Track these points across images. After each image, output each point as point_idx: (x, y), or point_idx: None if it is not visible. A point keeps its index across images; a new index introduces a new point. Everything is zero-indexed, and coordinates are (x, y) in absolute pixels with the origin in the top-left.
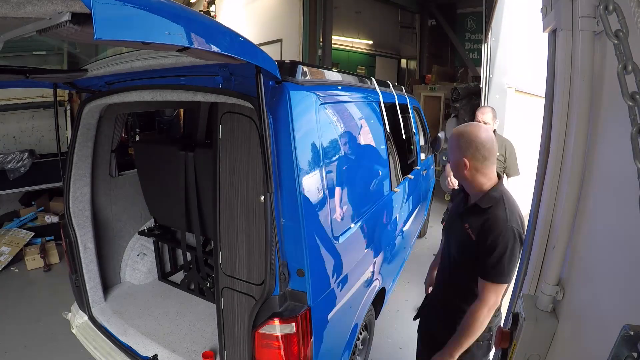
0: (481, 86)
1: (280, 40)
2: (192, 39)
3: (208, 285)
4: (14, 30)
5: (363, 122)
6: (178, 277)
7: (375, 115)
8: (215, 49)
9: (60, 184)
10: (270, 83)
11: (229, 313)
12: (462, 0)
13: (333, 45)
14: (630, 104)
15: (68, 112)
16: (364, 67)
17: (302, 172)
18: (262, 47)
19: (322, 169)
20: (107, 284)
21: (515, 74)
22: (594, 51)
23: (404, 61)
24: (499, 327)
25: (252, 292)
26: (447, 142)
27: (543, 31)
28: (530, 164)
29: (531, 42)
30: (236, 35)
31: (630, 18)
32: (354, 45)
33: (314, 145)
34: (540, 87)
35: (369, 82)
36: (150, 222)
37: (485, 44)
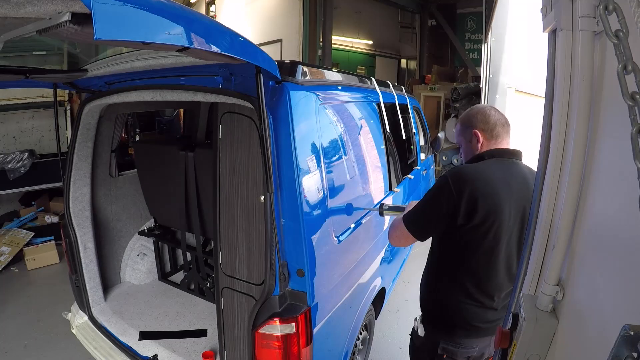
0: (481, 86)
1: (280, 40)
2: (192, 39)
3: (208, 285)
4: (14, 30)
5: (363, 122)
6: (178, 277)
7: (375, 115)
8: (215, 49)
9: (60, 184)
10: (270, 83)
11: (229, 313)
12: (462, 0)
13: (333, 45)
14: (630, 104)
15: (68, 112)
16: (364, 67)
17: (302, 172)
18: (262, 47)
19: (322, 169)
20: (107, 284)
21: (515, 74)
22: (594, 51)
23: (404, 61)
24: (499, 327)
25: (252, 292)
26: (447, 141)
27: (543, 31)
28: (530, 163)
29: (531, 42)
30: (236, 35)
31: (630, 18)
32: (354, 45)
33: (314, 145)
34: (540, 87)
35: (368, 82)
36: (150, 222)
37: (485, 44)
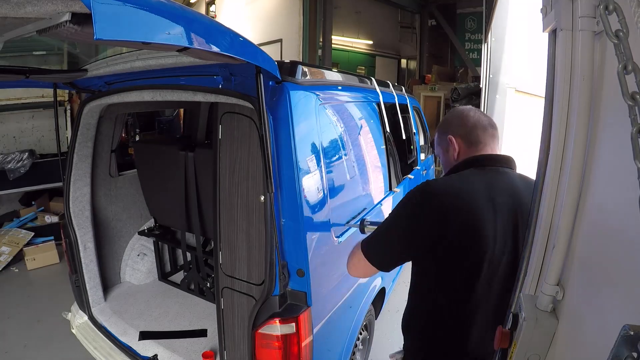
0: (481, 86)
1: (280, 40)
2: (192, 39)
3: (208, 285)
4: (14, 30)
5: (363, 122)
6: (178, 277)
7: (375, 115)
8: (215, 49)
9: (60, 184)
10: (270, 83)
11: (229, 313)
12: (462, 0)
13: (333, 45)
14: (630, 103)
15: (68, 112)
16: (364, 67)
17: (302, 172)
18: (262, 47)
19: (322, 169)
20: (107, 284)
21: (515, 74)
22: (594, 51)
23: (404, 61)
24: (499, 327)
25: (252, 292)
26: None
27: (543, 31)
28: (531, 163)
29: (531, 42)
30: (236, 35)
31: (630, 18)
32: (354, 45)
33: (314, 145)
34: (540, 87)
35: (368, 82)
36: (150, 222)
37: (485, 44)
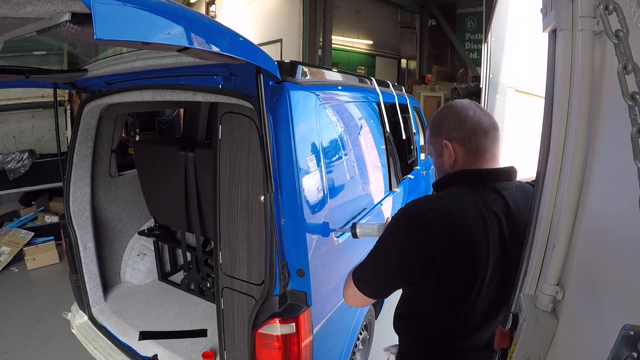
0: (481, 86)
1: (280, 40)
2: (192, 39)
3: (208, 285)
4: (14, 30)
5: (363, 122)
6: (178, 277)
7: (375, 115)
8: (215, 49)
9: (60, 184)
10: (270, 83)
11: (229, 313)
12: (462, 0)
13: (333, 45)
14: (630, 103)
15: (68, 112)
16: (364, 67)
17: (302, 172)
18: (262, 47)
19: (322, 169)
20: (107, 284)
21: (515, 74)
22: (594, 51)
23: (404, 61)
24: (499, 327)
25: (252, 292)
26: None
27: (543, 31)
28: (531, 164)
29: (531, 42)
30: (236, 35)
31: (630, 18)
32: (354, 45)
33: (314, 145)
34: (540, 87)
35: (368, 82)
36: (150, 222)
37: (485, 44)
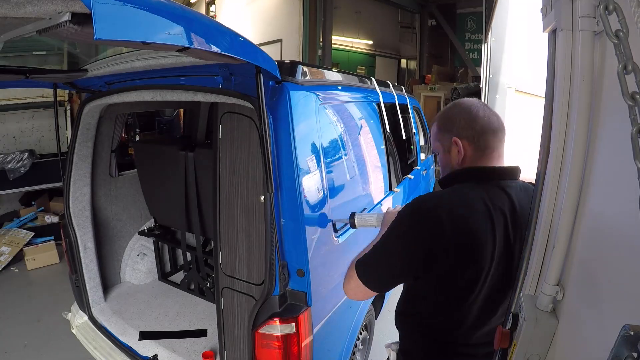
0: (481, 86)
1: (280, 40)
2: (192, 39)
3: (208, 285)
4: (14, 30)
5: (363, 122)
6: (178, 277)
7: (375, 115)
8: (215, 49)
9: (60, 184)
10: (270, 83)
11: (229, 313)
12: (462, 0)
13: (333, 45)
14: (630, 103)
15: (68, 112)
16: (364, 67)
17: (302, 172)
18: (262, 47)
19: (322, 168)
20: (107, 284)
21: (515, 74)
22: (594, 51)
23: (404, 61)
24: (499, 327)
25: (252, 292)
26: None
27: (543, 31)
28: (530, 164)
29: (531, 42)
30: (236, 35)
31: (630, 18)
32: (354, 45)
33: (314, 145)
34: (540, 87)
35: (368, 82)
36: (150, 222)
37: (485, 44)
